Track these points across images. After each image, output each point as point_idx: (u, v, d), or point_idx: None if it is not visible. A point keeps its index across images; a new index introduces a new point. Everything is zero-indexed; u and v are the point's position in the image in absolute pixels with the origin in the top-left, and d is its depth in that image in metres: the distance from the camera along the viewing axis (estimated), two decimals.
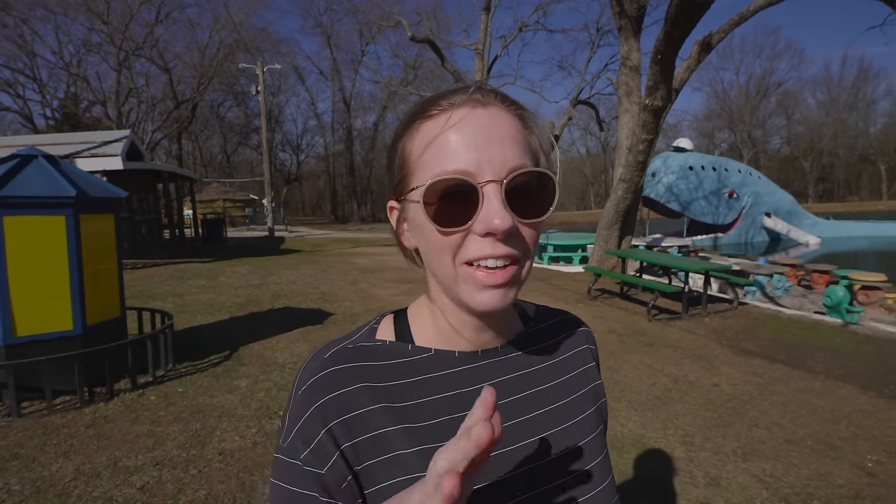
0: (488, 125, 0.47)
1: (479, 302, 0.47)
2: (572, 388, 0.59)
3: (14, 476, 2.65)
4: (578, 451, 0.55)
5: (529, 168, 0.47)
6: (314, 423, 0.49)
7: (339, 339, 0.56)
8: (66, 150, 11.14)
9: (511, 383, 0.55)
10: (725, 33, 8.54)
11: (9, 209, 3.46)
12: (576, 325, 0.66)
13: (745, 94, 55.92)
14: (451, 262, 0.48)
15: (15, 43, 28.40)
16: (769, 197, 20.20)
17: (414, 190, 0.48)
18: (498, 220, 0.44)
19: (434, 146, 0.47)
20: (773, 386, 4.02)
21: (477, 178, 0.45)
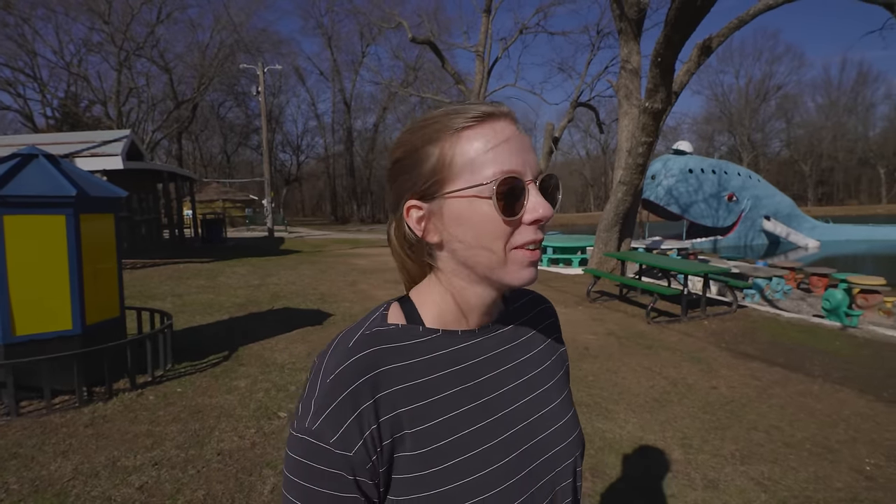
0: (520, 136, 0.57)
1: (523, 277, 0.57)
2: (547, 355, 0.70)
3: (12, 475, 2.65)
4: (557, 408, 0.67)
5: (549, 171, 0.60)
6: (345, 409, 0.52)
7: (355, 328, 0.60)
8: (66, 150, 11.14)
9: (506, 354, 0.65)
10: (725, 37, 8.56)
11: (9, 208, 3.46)
12: (543, 302, 0.77)
13: (745, 98, 56.02)
14: (503, 248, 0.56)
15: (16, 42, 28.43)
16: (769, 200, 20.23)
17: (469, 188, 0.55)
18: (542, 209, 0.55)
19: (485, 151, 0.55)
20: (771, 389, 4.03)
21: (523, 178, 0.55)
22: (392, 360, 0.57)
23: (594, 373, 4.36)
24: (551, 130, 14.25)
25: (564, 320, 6.19)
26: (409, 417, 0.55)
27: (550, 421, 0.64)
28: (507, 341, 0.66)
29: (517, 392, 0.63)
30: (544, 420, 0.64)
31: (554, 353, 0.72)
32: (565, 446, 0.64)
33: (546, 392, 0.66)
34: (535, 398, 0.64)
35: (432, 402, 0.56)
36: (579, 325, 5.97)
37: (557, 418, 0.65)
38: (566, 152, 59.97)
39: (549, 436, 0.63)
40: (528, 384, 0.65)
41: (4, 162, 3.70)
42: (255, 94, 22.10)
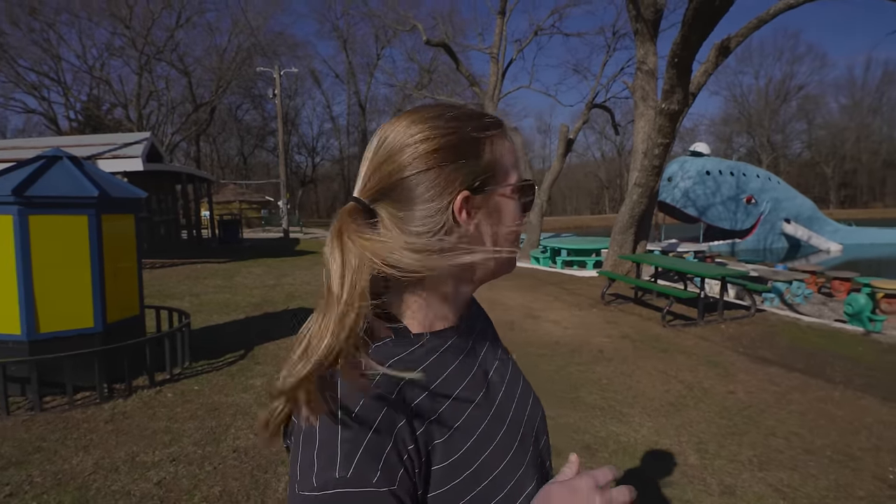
0: None
1: (513, 265, 0.64)
2: (495, 336, 0.74)
3: (36, 468, 2.72)
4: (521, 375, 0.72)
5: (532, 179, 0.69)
6: (382, 438, 0.46)
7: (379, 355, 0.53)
8: (88, 152, 11.41)
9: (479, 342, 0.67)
10: (744, 37, 8.42)
11: (34, 209, 3.56)
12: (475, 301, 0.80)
13: (765, 98, 55.02)
14: (511, 243, 0.61)
15: (41, 47, 29.22)
16: (789, 202, 19.84)
17: (510, 186, 0.60)
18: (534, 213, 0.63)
19: (517, 157, 0.63)
20: (790, 395, 3.95)
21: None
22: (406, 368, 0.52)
23: (608, 376, 4.32)
24: (566, 132, 14.16)
25: (578, 323, 6.14)
26: (437, 426, 0.51)
27: (526, 391, 0.69)
28: (474, 330, 0.69)
29: (500, 374, 0.67)
30: (524, 393, 0.68)
31: (494, 332, 0.76)
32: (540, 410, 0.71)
33: (513, 367, 0.71)
34: (510, 376, 0.68)
35: (451, 404, 0.55)
36: (593, 328, 5.93)
37: (528, 386, 0.71)
38: (581, 154, 59.59)
39: (531, 407, 0.68)
40: (502, 365, 0.69)
41: (30, 164, 3.80)
42: (272, 96, 22.38)
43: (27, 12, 27.56)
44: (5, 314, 3.57)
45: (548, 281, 9.43)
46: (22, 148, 12.41)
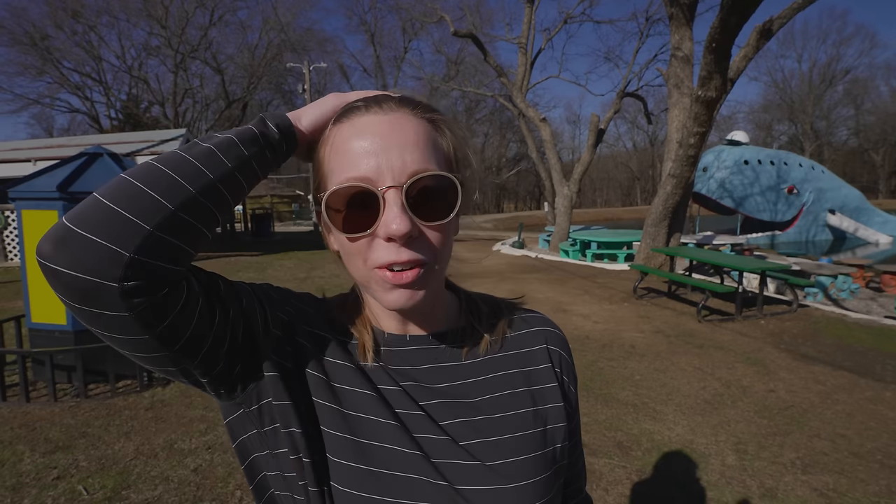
0: (389, 132, 0.48)
1: (390, 301, 0.50)
2: (501, 385, 0.57)
3: (82, 453, 2.85)
4: (494, 445, 0.53)
5: (430, 172, 0.48)
6: (300, 298, 0.60)
7: (331, 299, 0.63)
8: (128, 149, 11.83)
9: (433, 372, 0.56)
10: (787, 19, 8.00)
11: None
12: (536, 324, 0.64)
13: (808, 83, 52.45)
14: (363, 266, 0.50)
15: (84, 49, 30.45)
16: (834, 193, 18.90)
17: (320, 196, 0.51)
18: (395, 224, 0.46)
19: (338, 154, 0.50)
20: (836, 394, 3.76)
21: (377, 185, 0.47)
22: (326, 331, 0.57)
23: (641, 372, 4.21)
24: (597, 122, 13.84)
25: (609, 317, 6.01)
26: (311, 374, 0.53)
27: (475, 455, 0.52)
28: (446, 359, 0.57)
29: (438, 412, 0.53)
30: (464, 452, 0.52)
31: (518, 384, 0.58)
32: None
33: (482, 422, 0.54)
34: (457, 424, 0.53)
35: (333, 385, 0.53)
36: (625, 323, 5.79)
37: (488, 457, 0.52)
38: (612, 144, 58.23)
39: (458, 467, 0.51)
40: (459, 408, 0.54)
41: (73, 161, 3.95)
42: (301, 91, 22.72)
43: (70, 15, 28.73)
44: (52, 305, 3.74)
45: (577, 274, 9.28)
46: (66, 146, 12.97)
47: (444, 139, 0.53)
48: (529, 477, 0.52)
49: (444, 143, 0.53)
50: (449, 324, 0.60)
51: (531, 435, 0.55)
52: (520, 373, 0.59)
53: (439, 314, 0.60)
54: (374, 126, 0.49)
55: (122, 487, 2.51)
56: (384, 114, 0.50)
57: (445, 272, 0.56)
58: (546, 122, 14.32)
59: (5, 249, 10.97)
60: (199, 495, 2.45)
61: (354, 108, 0.51)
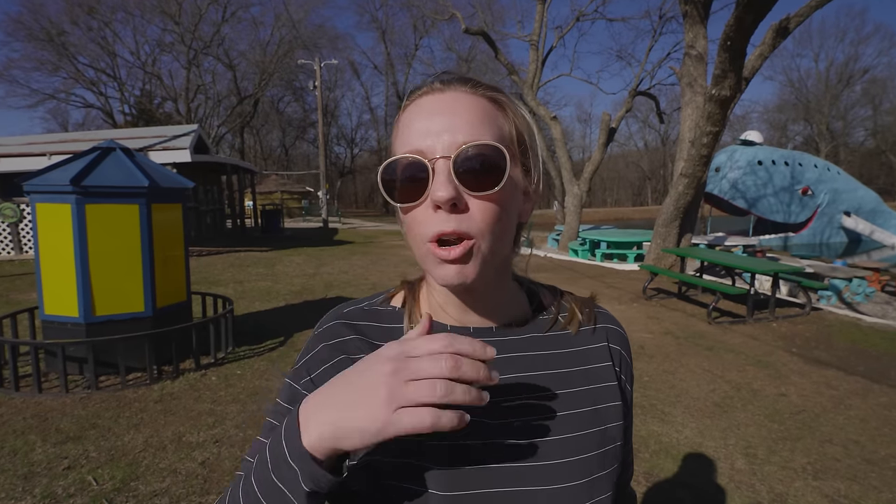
0: (442, 108, 0.50)
1: (439, 276, 0.50)
2: (562, 383, 0.57)
3: (92, 444, 2.88)
4: (551, 444, 0.53)
5: (476, 141, 0.48)
6: (320, 358, 0.56)
7: (360, 300, 0.63)
8: (141, 144, 11.95)
9: (496, 364, 0.54)
10: (804, 17, 7.88)
11: (90, 198, 3.74)
12: (599, 321, 0.63)
13: (825, 83, 51.59)
14: (419, 241, 0.50)
15: (99, 44, 30.80)
16: (850, 194, 18.58)
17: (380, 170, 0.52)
18: (440, 191, 0.46)
19: (400, 133, 0.52)
20: (849, 399, 3.70)
21: (428, 156, 0.48)
22: (371, 336, 0.57)
23: (649, 373, 4.18)
24: (608, 121, 13.74)
25: (618, 317, 5.95)
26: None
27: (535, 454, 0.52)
28: (508, 351, 0.56)
29: (498, 409, 0.53)
30: (525, 451, 0.52)
31: (578, 383, 0.57)
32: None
33: (541, 422, 0.54)
34: (519, 423, 0.53)
35: None
36: (634, 323, 5.75)
37: (548, 456, 0.52)
38: (623, 144, 57.82)
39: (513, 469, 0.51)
40: (521, 405, 0.54)
41: (86, 155, 3.99)
42: (312, 88, 22.78)
43: (86, 11, 29.08)
44: (65, 298, 3.79)
45: (586, 274, 9.23)
46: (81, 141, 13.14)
47: (506, 119, 0.53)
48: (590, 475, 0.53)
49: (506, 123, 0.52)
50: (513, 316, 0.59)
51: (591, 434, 0.55)
52: (582, 370, 0.58)
53: (504, 305, 0.59)
54: (433, 104, 0.51)
55: (131, 479, 2.54)
56: (442, 93, 0.51)
57: (504, 256, 0.54)
58: (557, 120, 14.24)
59: (20, 242, 11.15)
60: (207, 488, 2.47)
61: (417, 88, 0.53)
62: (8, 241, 11.12)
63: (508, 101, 0.54)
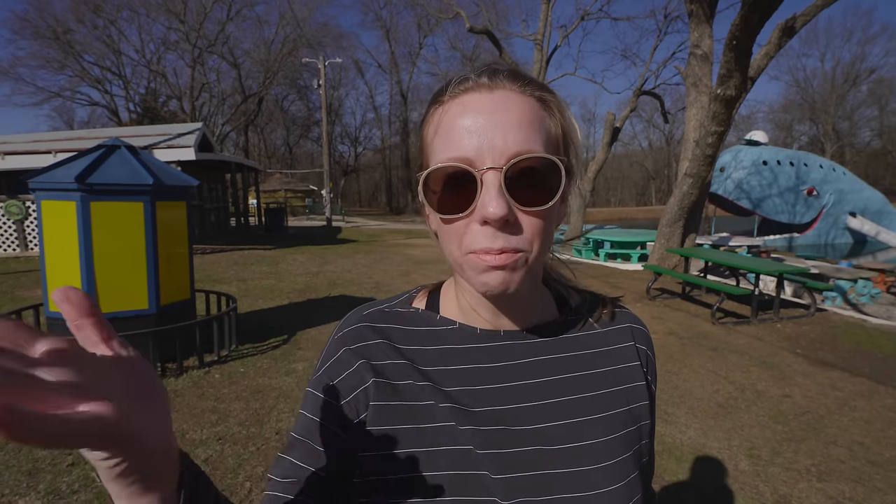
0: (492, 110, 0.46)
1: (482, 283, 0.47)
2: (596, 383, 0.56)
3: None
4: (585, 448, 0.52)
5: (531, 154, 0.46)
6: (341, 364, 0.54)
7: (381, 301, 0.62)
8: (145, 142, 11.99)
9: (528, 367, 0.55)
10: (811, 16, 7.83)
11: (95, 195, 3.75)
12: (624, 321, 0.63)
13: (831, 83, 51.30)
14: (458, 249, 0.48)
15: (104, 43, 30.91)
16: (855, 195, 18.49)
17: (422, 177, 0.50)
18: (492, 207, 0.44)
19: (441, 133, 0.48)
20: (854, 401, 3.68)
21: (476, 166, 0.46)
22: (396, 340, 0.56)
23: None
24: (612, 120, 13.70)
25: None
26: (412, 391, 0.52)
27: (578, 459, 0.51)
28: (538, 353, 0.56)
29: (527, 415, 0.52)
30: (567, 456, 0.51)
31: (610, 384, 0.57)
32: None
33: (576, 425, 0.53)
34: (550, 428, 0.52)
35: (440, 389, 0.53)
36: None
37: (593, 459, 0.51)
38: (627, 143, 57.62)
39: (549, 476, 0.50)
40: (543, 409, 0.53)
41: (91, 153, 4.01)
42: (317, 87, 22.80)
43: (91, 10, 29.20)
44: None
45: (589, 273, 9.21)
46: (86, 138, 13.19)
47: (553, 120, 0.50)
48: (626, 476, 0.52)
49: (553, 125, 0.50)
50: (543, 318, 0.58)
51: (626, 435, 0.54)
52: (611, 371, 0.58)
53: (534, 307, 0.58)
54: (479, 104, 0.47)
55: None
56: (490, 91, 0.48)
57: (544, 262, 0.53)
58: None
59: (26, 239, 11.21)
60: None
61: (462, 82, 0.49)
62: (13, 238, 11.18)
63: (555, 100, 0.51)
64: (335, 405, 0.53)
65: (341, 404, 0.52)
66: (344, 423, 0.52)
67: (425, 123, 0.52)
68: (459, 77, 0.50)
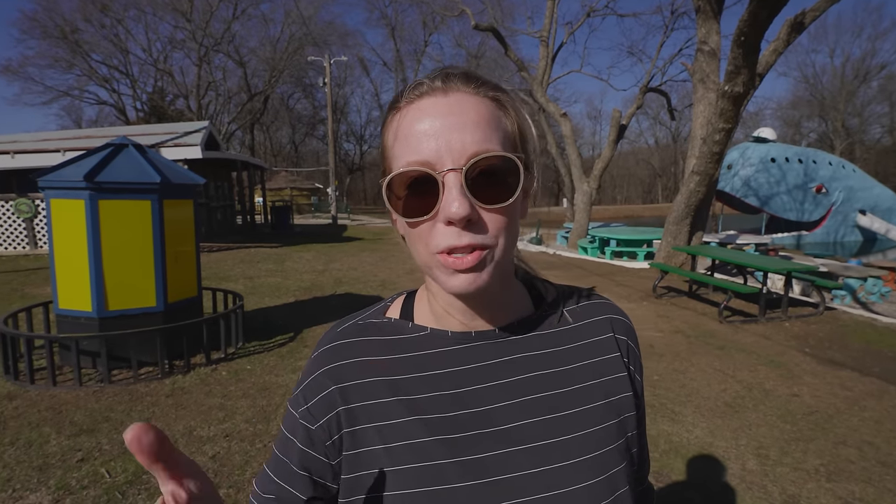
0: (448, 112, 0.47)
1: (452, 286, 0.48)
2: (570, 379, 0.56)
3: (105, 437, 2.92)
4: (557, 445, 0.52)
5: (489, 154, 0.47)
6: (316, 386, 0.55)
7: (355, 314, 0.62)
8: (152, 140, 12.06)
9: (499, 367, 0.54)
10: (820, 12, 7.75)
11: (103, 193, 3.78)
12: (602, 312, 0.62)
13: (841, 79, 50.71)
14: (426, 251, 0.49)
15: (112, 42, 31.10)
16: (865, 193, 18.29)
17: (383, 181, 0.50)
18: (454, 208, 0.45)
19: (400, 138, 0.49)
20: (864, 401, 3.64)
21: (437, 168, 0.46)
22: (372, 352, 0.56)
23: (659, 372, 4.14)
24: (618, 118, 13.62)
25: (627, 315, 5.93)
26: (382, 409, 0.53)
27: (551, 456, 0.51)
28: (512, 352, 0.55)
29: (502, 414, 0.52)
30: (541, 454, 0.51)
31: (588, 377, 0.56)
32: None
33: (555, 420, 0.53)
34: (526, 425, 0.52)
35: (411, 399, 0.53)
36: (644, 321, 5.70)
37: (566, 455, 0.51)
38: (633, 141, 57.31)
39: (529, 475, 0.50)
40: (519, 406, 0.53)
41: (99, 151, 4.03)
42: (322, 85, 22.83)
43: (99, 9, 29.38)
44: (78, 292, 3.84)
45: (595, 272, 9.18)
46: (94, 137, 13.29)
47: (509, 118, 0.51)
48: (610, 469, 0.52)
49: (508, 122, 0.51)
50: (517, 315, 0.58)
51: (606, 428, 0.54)
52: (589, 364, 0.57)
53: (507, 304, 0.57)
54: (435, 108, 0.48)
55: (143, 472, 2.56)
56: (444, 95, 0.49)
57: (511, 257, 0.54)
58: (566, 117, 14.14)
59: (35, 237, 11.32)
60: (217, 482, 2.49)
61: (416, 87, 0.50)
62: (23, 235, 11.29)
63: (509, 98, 0.52)
64: (310, 429, 0.55)
65: (314, 428, 0.54)
66: (317, 448, 0.54)
67: (385, 130, 0.52)
68: (414, 83, 0.51)
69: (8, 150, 11.89)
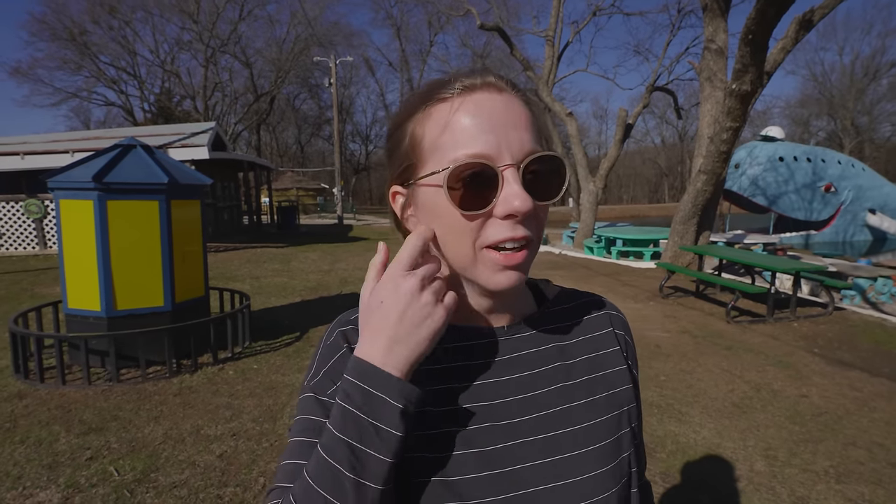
0: (504, 110, 0.49)
1: (497, 282, 0.50)
2: (575, 372, 0.58)
3: (113, 435, 2.94)
4: (566, 436, 0.53)
5: (544, 152, 0.50)
6: (339, 368, 0.53)
7: None
8: (160, 141, 12.14)
9: (510, 362, 0.56)
10: (829, 9, 7.66)
11: (112, 194, 3.81)
12: (598, 308, 0.65)
13: (850, 77, 50.19)
14: (471, 246, 0.49)
15: (119, 44, 31.35)
16: (875, 191, 18.08)
17: (432, 175, 0.49)
18: (518, 202, 0.46)
19: (450, 130, 0.49)
20: (874, 402, 3.61)
21: (496, 162, 0.47)
22: None
23: (666, 372, 4.12)
24: (624, 117, 13.56)
25: (634, 315, 5.90)
26: None
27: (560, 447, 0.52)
28: (521, 349, 0.57)
29: (519, 406, 0.53)
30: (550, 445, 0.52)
31: (588, 371, 0.58)
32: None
33: (558, 414, 0.54)
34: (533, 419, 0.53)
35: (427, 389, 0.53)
36: (650, 322, 5.68)
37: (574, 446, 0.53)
38: (639, 140, 57.04)
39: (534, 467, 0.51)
40: (540, 398, 0.54)
41: (107, 152, 4.07)
42: (328, 85, 22.91)
43: (107, 11, 29.62)
44: (87, 292, 3.87)
45: (601, 272, 9.14)
46: (102, 138, 13.39)
47: (539, 122, 0.54)
48: (614, 460, 0.54)
49: (541, 125, 0.54)
50: (522, 312, 0.60)
51: (610, 419, 0.56)
52: (591, 358, 0.60)
53: (517, 302, 0.60)
54: (492, 103, 0.49)
55: (151, 470, 2.59)
56: (499, 93, 0.50)
57: None
58: (572, 116, 14.10)
59: (45, 237, 11.43)
60: (225, 480, 2.50)
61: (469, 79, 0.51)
62: (33, 236, 11.40)
63: (535, 104, 0.55)
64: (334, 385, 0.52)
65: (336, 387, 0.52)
66: None
67: (417, 120, 0.51)
68: (459, 74, 0.51)
69: (18, 151, 12.01)
